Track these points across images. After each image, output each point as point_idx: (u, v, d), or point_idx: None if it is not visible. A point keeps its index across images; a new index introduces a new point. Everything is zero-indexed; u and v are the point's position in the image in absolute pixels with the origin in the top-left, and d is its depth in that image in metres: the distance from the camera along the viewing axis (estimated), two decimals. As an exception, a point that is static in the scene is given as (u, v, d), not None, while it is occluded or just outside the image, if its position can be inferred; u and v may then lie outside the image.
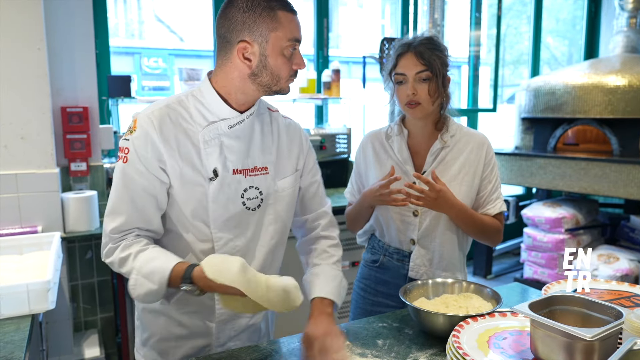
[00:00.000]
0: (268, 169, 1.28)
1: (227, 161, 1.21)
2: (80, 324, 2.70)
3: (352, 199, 1.70)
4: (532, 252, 4.03)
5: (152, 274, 1.13)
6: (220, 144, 1.20)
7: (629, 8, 4.15)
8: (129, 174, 1.16)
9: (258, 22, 1.13)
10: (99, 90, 2.65)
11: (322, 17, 3.60)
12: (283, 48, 1.15)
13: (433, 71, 1.44)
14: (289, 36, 1.16)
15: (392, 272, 1.61)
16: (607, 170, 3.58)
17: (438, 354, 1.16)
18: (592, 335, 0.87)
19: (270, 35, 1.14)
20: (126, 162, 1.16)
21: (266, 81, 1.18)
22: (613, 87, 3.69)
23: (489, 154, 1.55)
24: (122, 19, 5.71)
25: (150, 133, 1.15)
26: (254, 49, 1.15)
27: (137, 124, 1.16)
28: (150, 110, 1.18)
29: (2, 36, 2.17)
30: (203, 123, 1.19)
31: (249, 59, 1.15)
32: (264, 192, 1.27)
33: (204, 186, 1.19)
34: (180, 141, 1.17)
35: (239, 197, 1.23)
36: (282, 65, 1.17)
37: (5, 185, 2.22)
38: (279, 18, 1.14)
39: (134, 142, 1.15)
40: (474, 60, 4.42)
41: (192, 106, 1.21)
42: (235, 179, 1.22)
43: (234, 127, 1.21)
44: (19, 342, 1.29)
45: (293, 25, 1.17)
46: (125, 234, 1.19)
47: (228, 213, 1.22)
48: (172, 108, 1.19)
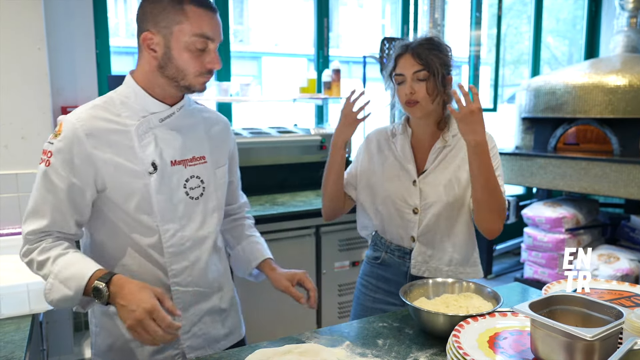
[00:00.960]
0: (206, 158, 1.31)
1: (164, 153, 1.22)
2: (80, 324, 2.70)
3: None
4: (533, 252, 4.03)
5: (68, 279, 1.11)
6: (155, 137, 1.22)
7: (630, 8, 4.15)
8: (50, 178, 1.15)
9: (163, 14, 1.14)
10: (99, 90, 2.65)
11: (323, 17, 3.60)
12: (188, 43, 1.15)
13: (430, 70, 1.46)
14: (196, 31, 1.14)
15: (393, 269, 1.61)
16: (608, 170, 3.57)
17: (438, 353, 1.16)
18: (593, 335, 0.87)
19: (174, 28, 1.14)
20: (48, 165, 1.14)
21: (172, 74, 1.18)
22: (613, 87, 3.68)
23: (490, 143, 1.52)
24: (122, 18, 5.71)
25: (77, 136, 1.14)
26: (158, 39, 1.15)
27: (62, 127, 1.15)
28: (76, 113, 1.18)
29: (3, 36, 2.17)
30: (134, 118, 1.20)
31: (154, 49, 1.16)
32: (205, 180, 1.30)
33: (143, 180, 1.20)
34: (112, 140, 1.18)
35: (181, 187, 1.26)
36: (189, 61, 1.16)
37: (5, 185, 2.22)
38: (186, 12, 1.14)
39: (57, 146, 1.14)
40: (474, 60, 4.42)
41: (119, 105, 1.21)
42: (175, 170, 1.24)
43: (165, 120, 1.23)
44: (20, 341, 1.29)
45: (202, 21, 1.15)
46: (44, 236, 1.18)
47: (172, 204, 1.24)
48: (100, 109, 1.20)
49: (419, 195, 1.54)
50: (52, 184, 1.15)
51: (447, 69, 1.50)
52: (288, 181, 3.28)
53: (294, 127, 3.33)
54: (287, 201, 2.85)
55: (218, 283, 1.38)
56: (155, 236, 1.23)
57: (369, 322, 1.35)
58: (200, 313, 1.33)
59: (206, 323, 1.35)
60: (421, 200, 1.54)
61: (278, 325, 2.64)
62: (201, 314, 1.33)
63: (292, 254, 2.62)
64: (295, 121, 3.48)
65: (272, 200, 2.87)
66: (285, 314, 2.63)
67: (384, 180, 1.59)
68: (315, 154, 3.18)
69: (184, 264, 1.27)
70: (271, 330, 2.62)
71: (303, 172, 3.33)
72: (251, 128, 3.15)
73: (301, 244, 2.71)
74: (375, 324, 1.33)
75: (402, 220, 1.57)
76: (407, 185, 1.55)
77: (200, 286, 1.32)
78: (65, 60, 2.53)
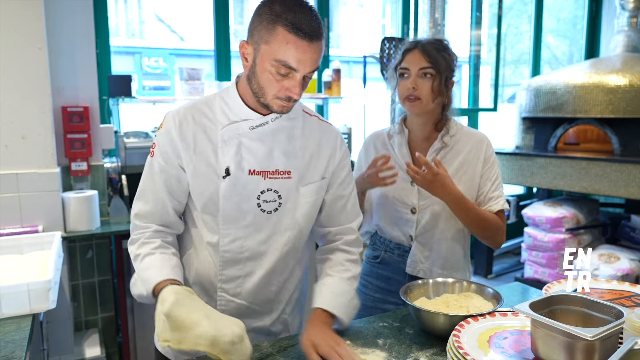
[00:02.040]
0: (291, 174, 1.25)
1: (243, 161, 1.21)
2: (80, 324, 2.70)
3: None
4: (533, 252, 4.03)
5: (145, 281, 1.16)
6: (239, 143, 1.21)
7: (630, 7, 4.15)
8: (154, 167, 1.23)
9: (259, 27, 1.11)
10: (99, 90, 2.65)
11: (323, 17, 3.60)
12: (269, 65, 1.10)
13: (437, 69, 1.47)
14: (277, 56, 1.09)
15: (392, 268, 1.62)
16: (608, 169, 3.57)
17: (438, 353, 1.16)
18: (593, 335, 0.87)
19: (261, 46, 1.11)
20: (152, 156, 1.24)
21: (255, 89, 1.16)
22: (614, 87, 3.68)
23: (488, 152, 1.55)
24: (122, 18, 5.71)
25: (171, 130, 1.21)
26: (250, 50, 1.14)
27: (164, 121, 1.24)
28: (177, 108, 1.24)
29: (3, 35, 2.17)
30: (225, 122, 1.22)
31: (246, 58, 1.16)
32: (283, 196, 1.25)
33: (216, 182, 1.21)
34: (197, 139, 1.21)
35: (254, 198, 1.23)
36: (268, 82, 1.13)
37: (5, 185, 2.22)
38: (276, 34, 1.08)
39: (158, 138, 1.23)
40: (474, 59, 4.41)
41: (217, 106, 1.24)
42: (251, 180, 1.22)
43: (255, 129, 1.21)
44: (20, 341, 1.29)
45: (289, 48, 1.08)
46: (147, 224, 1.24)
47: (240, 211, 1.22)
48: (198, 107, 1.24)
49: (417, 195, 1.55)
50: (154, 173, 1.23)
51: (451, 72, 1.52)
52: (288, 181, 3.27)
53: (295, 126, 3.32)
54: (288, 201, 2.84)
55: (272, 304, 1.32)
56: (215, 237, 1.25)
57: (369, 321, 1.35)
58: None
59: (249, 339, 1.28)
60: (419, 200, 1.54)
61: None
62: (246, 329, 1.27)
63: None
64: (295, 121, 3.47)
65: (273, 200, 2.87)
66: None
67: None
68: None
69: (236, 273, 1.26)
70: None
71: (303, 171, 3.32)
72: (251, 128, 3.14)
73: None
74: (375, 324, 1.33)
75: (400, 219, 1.57)
76: (404, 186, 1.56)
77: (250, 302, 1.28)
78: (65, 60, 2.53)
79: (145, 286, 1.15)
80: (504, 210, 1.55)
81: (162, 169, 1.22)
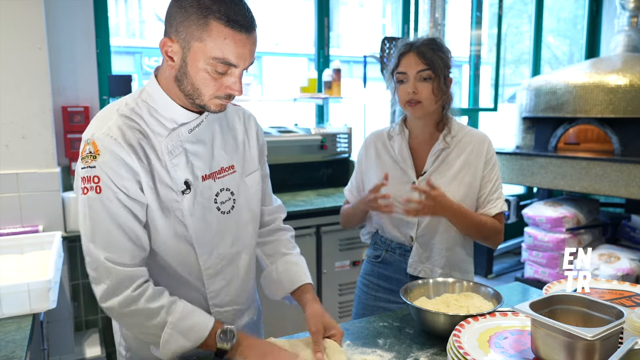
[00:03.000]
0: (234, 167, 1.21)
1: (195, 168, 1.12)
2: (81, 323, 2.70)
3: (350, 196, 1.72)
4: (533, 252, 4.03)
5: (189, 331, 1.05)
6: (185, 151, 1.11)
7: (630, 7, 4.14)
8: (107, 205, 1.03)
9: (185, 23, 0.98)
10: (99, 90, 2.65)
11: (323, 17, 3.60)
12: (205, 64, 1.00)
13: (435, 71, 1.46)
14: (215, 54, 0.98)
15: (394, 267, 1.61)
16: (608, 169, 3.57)
17: (439, 353, 1.16)
18: (593, 335, 0.87)
19: (192, 44, 0.99)
20: (100, 192, 1.03)
21: (188, 91, 1.05)
22: (614, 87, 3.68)
23: (489, 153, 1.55)
24: (122, 18, 5.72)
25: (119, 153, 1.03)
26: (176, 48, 1.01)
27: (98, 146, 1.03)
28: (106, 127, 1.04)
29: (3, 35, 2.17)
30: (163, 131, 1.09)
31: (171, 57, 1.03)
32: (234, 192, 1.20)
33: (177, 201, 1.10)
34: (148, 155, 1.07)
35: (212, 204, 1.15)
36: (204, 82, 1.02)
37: (6, 185, 2.22)
38: (210, 28, 0.97)
39: (102, 168, 1.02)
40: (474, 59, 4.41)
41: (145, 113, 1.09)
42: (206, 186, 1.14)
43: (194, 131, 1.12)
44: (20, 341, 1.29)
45: (227, 43, 0.98)
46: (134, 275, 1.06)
47: (206, 223, 1.15)
48: (128, 118, 1.07)
49: (418, 197, 1.53)
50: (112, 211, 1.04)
51: (448, 70, 1.51)
52: (288, 181, 3.28)
53: (295, 126, 3.33)
54: (288, 201, 2.85)
55: (252, 298, 1.34)
56: (192, 261, 1.15)
57: (369, 321, 1.35)
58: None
59: None
60: None
61: (278, 324, 2.64)
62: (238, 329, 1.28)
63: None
64: (295, 121, 3.48)
65: (273, 199, 2.87)
66: (286, 313, 2.63)
67: None
68: (315, 153, 3.18)
69: (221, 283, 1.21)
70: (271, 330, 2.62)
71: (303, 171, 3.33)
72: (252, 128, 3.14)
73: (302, 244, 2.68)
74: (375, 324, 1.33)
75: (401, 220, 1.57)
76: (406, 188, 1.54)
77: (238, 304, 1.27)
78: (65, 60, 2.53)
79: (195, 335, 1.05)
80: (503, 212, 1.56)
81: (123, 201, 1.04)
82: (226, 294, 1.23)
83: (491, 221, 1.54)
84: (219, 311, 1.22)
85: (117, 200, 1.04)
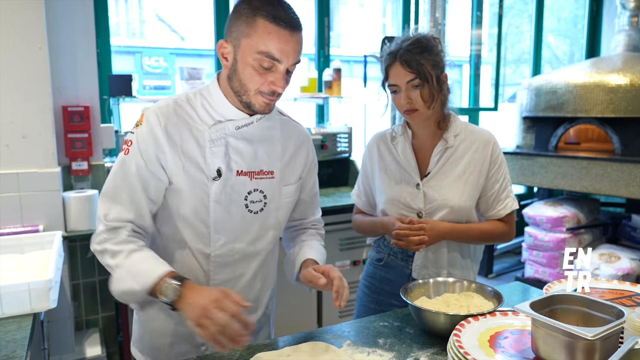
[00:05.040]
0: (274, 174, 1.27)
1: (232, 162, 1.20)
2: (81, 323, 2.70)
3: (359, 201, 1.71)
4: (534, 251, 4.03)
5: (138, 274, 1.11)
6: (226, 144, 1.19)
7: (631, 7, 4.14)
8: (127, 166, 1.16)
9: (237, 23, 1.10)
10: (100, 90, 2.65)
11: (323, 16, 3.60)
12: (252, 59, 1.09)
13: (422, 77, 1.42)
14: (260, 48, 1.08)
15: (396, 271, 1.61)
16: (609, 169, 3.57)
17: (439, 353, 1.16)
18: (594, 335, 0.87)
19: (242, 41, 1.10)
20: (127, 154, 1.16)
21: (236, 88, 1.15)
22: (614, 86, 3.68)
23: (495, 152, 1.53)
24: (123, 18, 5.71)
25: (155, 128, 1.14)
26: (229, 49, 1.13)
27: (144, 117, 1.16)
28: (158, 105, 1.18)
29: (4, 35, 2.18)
30: (210, 122, 1.19)
31: (226, 58, 1.14)
32: (268, 196, 1.26)
33: (206, 185, 1.18)
34: (184, 138, 1.17)
35: (242, 199, 1.22)
36: (250, 77, 1.11)
37: (6, 184, 2.22)
38: (256, 26, 1.07)
39: (137, 136, 1.15)
40: (475, 59, 4.41)
41: (199, 104, 1.20)
42: (239, 181, 1.21)
43: (241, 129, 1.20)
44: (21, 340, 1.29)
45: (271, 39, 1.07)
46: (120, 227, 1.16)
47: (229, 214, 1.21)
48: (180, 105, 1.19)
49: (422, 199, 1.52)
50: (128, 172, 1.15)
51: (441, 68, 1.46)
52: (289, 180, 3.27)
53: (295, 126, 3.33)
54: (288, 200, 2.84)
55: (261, 300, 1.36)
56: (205, 242, 1.22)
57: (369, 321, 1.35)
58: None
59: None
60: (425, 204, 1.52)
61: (279, 324, 2.64)
62: None
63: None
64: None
65: (273, 199, 2.87)
66: (286, 313, 2.63)
67: (387, 186, 1.57)
68: (316, 153, 3.18)
69: (229, 275, 1.26)
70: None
71: (304, 171, 3.32)
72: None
73: (302, 243, 2.70)
74: (376, 323, 1.33)
75: None
76: (410, 190, 1.53)
77: None
78: (66, 60, 2.53)
79: (140, 279, 1.09)
80: (514, 211, 1.55)
81: (140, 169, 1.15)
82: (231, 288, 1.24)
83: (493, 226, 1.53)
84: None
85: (136, 166, 1.15)
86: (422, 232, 1.43)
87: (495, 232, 1.53)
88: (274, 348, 1.19)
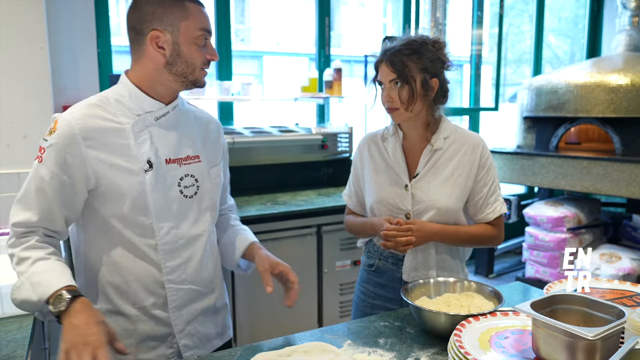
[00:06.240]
0: (200, 157, 1.33)
1: (159, 151, 1.24)
2: (82, 323, 2.70)
3: (350, 202, 1.71)
4: (534, 251, 4.03)
5: (38, 284, 1.10)
6: (150, 135, 1.24)
7: (632, 7, 4.14)
8: (40, 175, 1.16)
9: (167, 12, 1.18)
10: (100, 89, 2.65)
11: (324, 16, 3.60)
12: (194, 37, 1.20)
13: (402, 78, 1.43)
14: (199, 26, 1.20)
15: (387, 276, 1.61)
16: (610, 169, 3.57)
17: (439, 353, 1.16)
18: (594, 335, 0.87)
19: (180, 25, 1.19)
20: (41, 162, 1.17)
21: (181, 70, 1.22)
22: (615, 86, 3.68)
23: (484, 156, 1.52)
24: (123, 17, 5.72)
25: (72, 134, 1.15)
26: (166, 37, 1.19)
27: (57, 124, 1.17)
28: (72, 111, 1.19)
29: (4, 35, 2.18)
30: (129, 117, 1.22)
31: (162, 47, 1.19)
32: (199, 179, 1.32)
33: (139, 178, 1.21)
34: (107, 139, 1.19)
35: (175, 186, 1.28)
36: (195, 54, 1.22)
37: (6, 184, 2.22)
38: (188, 8, 1.19)
39: (50, 143, 1.16)
40: (475, 59, 4.41)
41: (114, 103, 1.23)
42: (170, 168, 1.26)
43: (160, 119, 1.26)
44: (22, 340, 1.29)
45: (202, 16, 1.22)
46: (30, 231, 1.18)
47: (167, 201, 1.26)
48: (95, 107, 1.21)
49: (411, 201, 1.52)
50: (42, 180, 1.16)
51: (431, 72, 1.45)
52: (289, 180, 3.28)
53: (296, 126, 3.33)
54: (289, 200, 2.85)
55: (212, 283, 1.40)
56: (149, 234, 1.24)
57: (370, 321, 1.35)
58: (195, 312, 1.34)
59: (200, 322, 1.36)
60: (413, 205, 1.52)
61: (279, 324, 2.64)
62: (196, 313, 1.35)
63: (293, 253, 2.63)
64: (296, 120, 3.48)
65: (274, 199, 2.87)
66: (286, 312, 2.63)
67: (377, 186, 1.57)
68: (316, 153, 3.18)
69: (178, 261, 1.29)
70: (272, 329, 2.62)
71: (304, 171, 3.33)
72: (252, 127, 3.15)
73: (302, 243, 2.71)
74: (376, 323, 1.33)
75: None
76: (398, 191, 1.53)
77: (195, 284, 1.33)
78: (66, 60, 2.53)
79: (39, 290, 1.09)
80: (502, 215, 1.55)
81: (54, 177, 1.16)
82: (182, 272, 1.30)
83: (482, 230, 1.53)
84: (173, 287, 1.29)
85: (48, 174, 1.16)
86: (410, 232, 1.44)
87: (484, 235, 1.54)
88: (274, 348, 1.20)
